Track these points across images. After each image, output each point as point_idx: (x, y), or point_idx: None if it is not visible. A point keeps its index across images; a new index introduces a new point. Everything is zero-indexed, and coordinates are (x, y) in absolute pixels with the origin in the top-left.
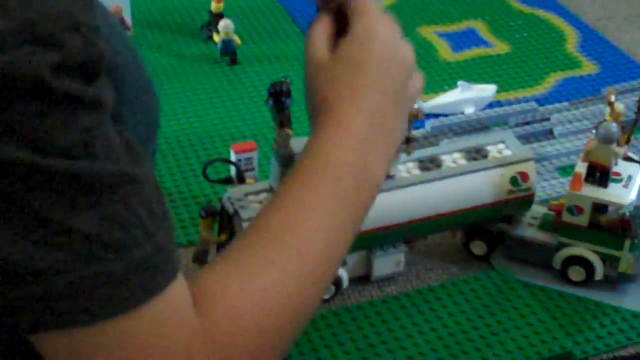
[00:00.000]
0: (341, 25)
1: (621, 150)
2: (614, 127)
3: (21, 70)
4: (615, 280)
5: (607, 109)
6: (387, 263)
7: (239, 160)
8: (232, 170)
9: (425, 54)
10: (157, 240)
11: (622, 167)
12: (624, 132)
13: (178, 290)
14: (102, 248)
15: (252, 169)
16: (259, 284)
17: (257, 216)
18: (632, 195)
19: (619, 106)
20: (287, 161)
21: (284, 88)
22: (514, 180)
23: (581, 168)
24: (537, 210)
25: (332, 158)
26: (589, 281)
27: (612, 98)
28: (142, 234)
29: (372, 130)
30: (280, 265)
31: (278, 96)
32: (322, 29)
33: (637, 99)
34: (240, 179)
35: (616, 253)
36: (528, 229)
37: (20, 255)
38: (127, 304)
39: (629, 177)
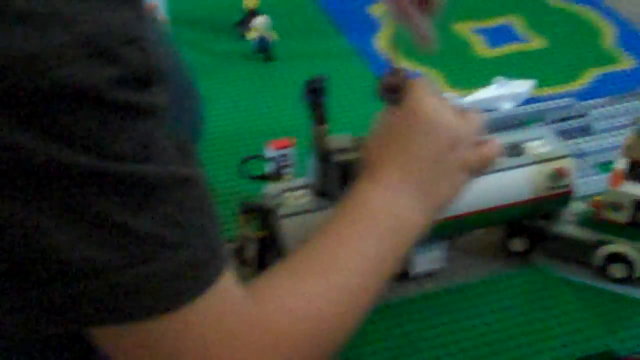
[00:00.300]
0: None
1: None
2: None
3: (81, 84)
4: None
5: None
6: (427, 259)
7: (276, 156)
8: (268, 166)
9: (460, 50)
10: (207, 237)
11: None
12: None
13: (229, 283)
14: (158, 247)
15: (289, 166)
16: (310, 290)
17: (303, 244)
18: None
19: None
20: (324, 157)
21: (319, 85)
22: (552, 177)
23: (621, 164)
24: (577, 206)
25: (367, 204)
26: (629, 278)
27: None
28: (194, 233)
29: (405, 182)
30: (326, 280)
31: (314, 93)
32: (386, 112)
33: None
34: (277, 176)
35: None
36: (568, 226)
37: (81, 254)
38: (181, 299)
39: None
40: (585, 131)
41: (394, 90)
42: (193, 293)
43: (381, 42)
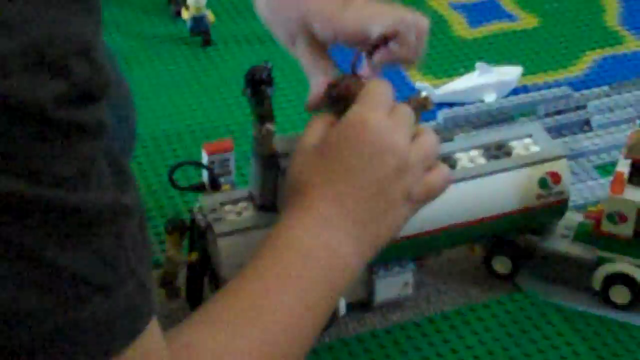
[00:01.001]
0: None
1: None
2: None
3: (23, 98)
4: None
5: None
6: (392, 285)
7: (212, 162)
8: (204, 174)
9: (436, 30)
10: (139, 276)
11: None
12: None
13: (155, 331)
14: (90, 289)
15: (229, 173)
16: (230, 350)
17: (229, 283)
18: None
19: None
20: (269, 162)
21: (265, 75)
22: (543, 183)
23: (623, 166)
24: (572, 218)
25: (296, 239)
26: (634, 303)
27: None
28: (127, 271)
29: (341, 216)
30: (250, 336)
31: (257, 84)
32: (322, 120)
33: None
34: (214, 185)
35: None
36: (561, 242)
37: (5, 296)
38: (110, 349)
39: None
40: (583, 126)
41: (340, 99)
42: (121, 343)
43: None
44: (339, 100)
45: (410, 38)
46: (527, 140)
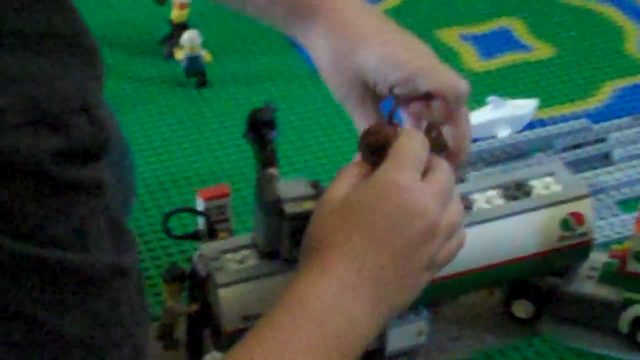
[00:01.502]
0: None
1: None
2: None
3: (21, 155)
4: None
5: None
6: (406, 334)
7: (209, 209)
8: (200, 222)
9: (447, 63)
10: (135, 339)
11: None
12: None
13: None
14: (84, 353)
15: (226, 220)
16: None
17: (237, 346)
18: None
19: None
20: (272, 209)
21: (267, 117)
22: (565, 224)
23: None
24: (597, 258)
25: (310, 301)
26: None
27: None
28: (123, 335)
29: (360, 280)
30: None
31: (259, 127)
32: (353, 171)
33: None
34: (211, 233)
35: None
36: (586, 284)
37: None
38: None
39: None
40: (603, 160)
41: (376, 149)
42: None
43: None
44: (374, 149)
45: (454, 108)
46: (548, 179)
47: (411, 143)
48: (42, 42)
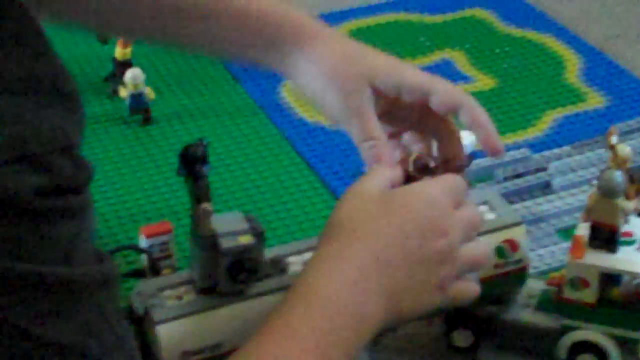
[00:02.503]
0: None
1: (631, 205)
2: (617, 176)
3: (5, 189)
4: None
5: (610, 154)
6: None
7: (151, 246)
8: (143, 259)
9: None
10: (127, 346)
11: (635, 226)
12: (633, 181)
13: None
14: None
15: (169, 257)
16: None
17: (249, 340)
18: None
19: (625, 149)
20: (208, 244)
21: (199, 153)
22: (500, 252)
23: (583, 230)
24: (534, 286)
25: (326, 293)
26: None
27: (614, 140)
28: (114, 341)
29: (378, 275)
30: None
31: (192, 163)
32: (387, 173)
33: None
34: (154, 270)
35: (635, 335)
36: (523, 311)
37: None
38: None
39: None
40: (544, 189)
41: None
42: None
43: (288, 92)
44: (420, 166)
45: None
46: (483, 208)
47: (456, 179)
48: (26, 85)
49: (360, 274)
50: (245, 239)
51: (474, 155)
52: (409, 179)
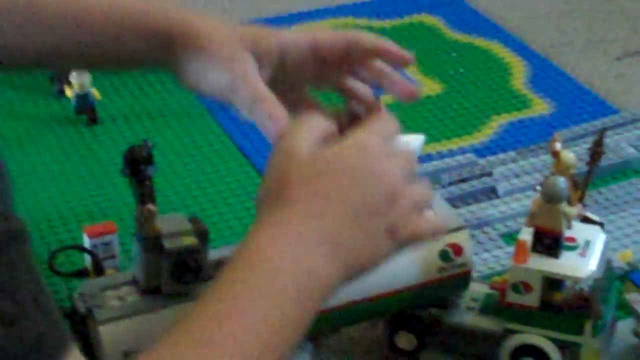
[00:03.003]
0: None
1: (573, 211)
2: (561, 182)
3: None
4: None
5: (553, 160)
6: None
7: (95, 246)
8: (87, 259)
9: (337, 99)
10: (44, 306)
11: (577, 231)
12: (576, 187)
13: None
14: None
15: (113, 257)
16: None
17: (194, 306)
18: (592, 266)
19: (568, 156)
20: (152, 244)
21: (144, 153)
22: (444, 255)
23: (526, 235)
24: (478, 290)
25: (269, 254)
26: None
27: (558, 146)
28: (29, 301)
29: (320, 235)
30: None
31: (136, 164)
32: (318, 124)
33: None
34: (98, 270)
35: (576, 339)
36: (467, 315)
37: None
38: None
39: (587, 243)
40: (489, 194)
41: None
42: None
43: None
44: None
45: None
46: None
47: (385, 118)
48: None
49: (302, 239)
50: (189, 240)
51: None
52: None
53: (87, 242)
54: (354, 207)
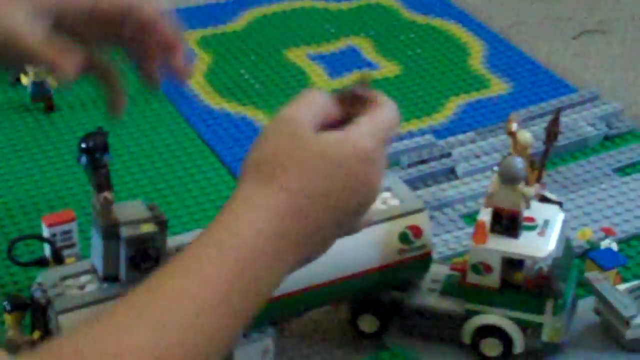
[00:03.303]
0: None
1: (531, 191)
2: (518, 162)
3: None
4: (540, 352)
5: (511, 141)
6: (251, 353)
7: (54, 235)
8: (47, 248)
9: (295, 83)
10: None
11: (536, 211)
12: (533, 167)
13: None
14: None
15: (73, 245)
16: (132, 343)
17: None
18: (551, 245)
19: (525, 136)
20: (109, 232)
21: (99, 142)
22: (404, 237)
23: (485, 215)
24: (439, 271)
25: (242, 236)
26: (507, 356)
27: (514, 127)
28: None
29: (296, 227)
30: (154, 327)
31: (92, 152)
32: (323, 103)
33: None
34: (57, 259)
35: (537, 318)
36: (428, 296)
37: None
38: None
39: (546, 223)
40: (449, 175)
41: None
42: None
43: (194, 79)
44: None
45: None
46: (386, 194)
47: (391, 114)
48: None
49: (278, 224)
50: (147, 228)
51: None
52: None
53: (46, 231)
54: (337, 209)
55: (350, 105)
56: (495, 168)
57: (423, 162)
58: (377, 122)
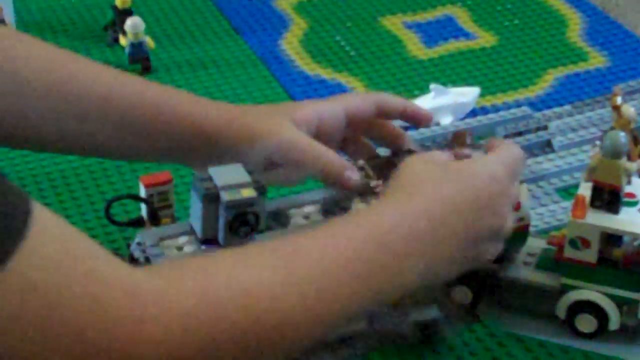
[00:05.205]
0: None
1: (634, 166)
2: (621, 137)
3: None
4: (635, 330)
5: (614, 115)
6: None
7: (151, 195)
8: (143, 208)
9: (390, 51)
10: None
11: (637, 187)
12: (636, 142)
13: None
14: None
15: (169, 207)
16: (251, 274)
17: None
18: None
19: (629, 110)
20: (209, 195)
21: None
22: None
23: (585, 190)
24: (535, 244)
25: (373, 222)
26: (601, 332)
27: (619, 100)
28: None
29: (424, 241)
30: (282, 268)
31: None
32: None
33: None
34: (154, 220)
35: (634, 295)
36: (523, 270)
37: None
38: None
39: None
40: (544, 148)
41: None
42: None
43: (289, 44)
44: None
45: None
46: None
47: (517, 151)
48: None
49: (412, 232)
50: (248, 193)
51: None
52: None
53: (143, 191)
54: (464, 229)
55: None
56: (597, 142)
57: (519, 134)
58: (506, 155)
